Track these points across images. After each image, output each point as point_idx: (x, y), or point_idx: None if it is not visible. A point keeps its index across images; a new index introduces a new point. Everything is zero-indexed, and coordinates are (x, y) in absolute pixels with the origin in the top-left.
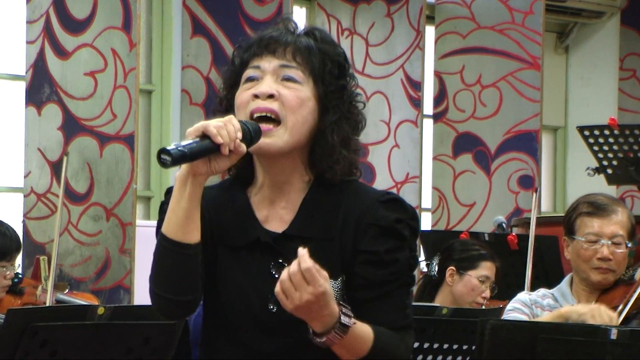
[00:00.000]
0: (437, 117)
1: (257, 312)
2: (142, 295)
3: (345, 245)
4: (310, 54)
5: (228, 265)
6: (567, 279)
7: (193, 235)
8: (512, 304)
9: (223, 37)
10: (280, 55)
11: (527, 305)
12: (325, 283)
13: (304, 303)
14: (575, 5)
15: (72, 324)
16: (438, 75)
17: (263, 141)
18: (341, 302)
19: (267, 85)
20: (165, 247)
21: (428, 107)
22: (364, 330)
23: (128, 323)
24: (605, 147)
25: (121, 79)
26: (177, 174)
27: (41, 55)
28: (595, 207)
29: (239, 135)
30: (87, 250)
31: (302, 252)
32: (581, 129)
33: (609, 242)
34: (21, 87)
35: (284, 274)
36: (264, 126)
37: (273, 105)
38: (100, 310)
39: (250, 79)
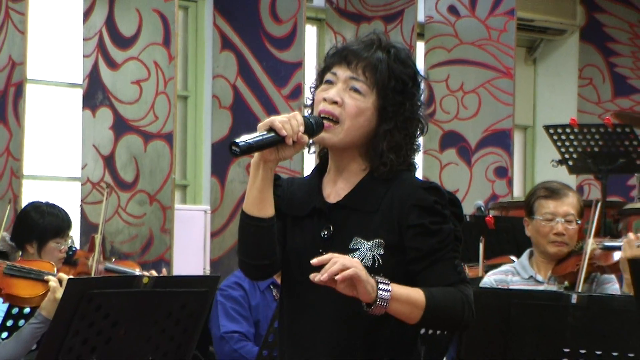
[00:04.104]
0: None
1: (308, 266)
2: (180, 267)
3: (388, 219)
4: (377, 70)
5: (292, 231)
6: (526, 253)
7: (267, 210)
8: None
9: (247, 51)
10: (353, 68)
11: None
12: (357, 266)
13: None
14: (541, 24)
15: (122, 291)
16: (427, 83)
17: (323, 135)
18: (376, 277)
19: (335, 92)
20: (244, 222)
21: None
22: (413, 296)
23: (168, 290)
24: (567, 143)
25: (162, 86)
26: (252, 160)
27: (95, 67)
28: (551, 191)
29: (301, 128)
30: (133, 229)
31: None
32: (547, 128)
33: (563, 220)
34: (78, 94)
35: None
36: (326, 123)
37: (335, 110)
38: (145, 280)
39: (327, 82)
